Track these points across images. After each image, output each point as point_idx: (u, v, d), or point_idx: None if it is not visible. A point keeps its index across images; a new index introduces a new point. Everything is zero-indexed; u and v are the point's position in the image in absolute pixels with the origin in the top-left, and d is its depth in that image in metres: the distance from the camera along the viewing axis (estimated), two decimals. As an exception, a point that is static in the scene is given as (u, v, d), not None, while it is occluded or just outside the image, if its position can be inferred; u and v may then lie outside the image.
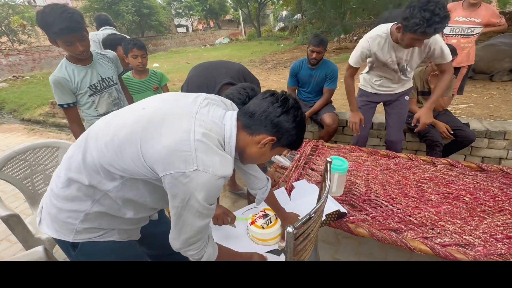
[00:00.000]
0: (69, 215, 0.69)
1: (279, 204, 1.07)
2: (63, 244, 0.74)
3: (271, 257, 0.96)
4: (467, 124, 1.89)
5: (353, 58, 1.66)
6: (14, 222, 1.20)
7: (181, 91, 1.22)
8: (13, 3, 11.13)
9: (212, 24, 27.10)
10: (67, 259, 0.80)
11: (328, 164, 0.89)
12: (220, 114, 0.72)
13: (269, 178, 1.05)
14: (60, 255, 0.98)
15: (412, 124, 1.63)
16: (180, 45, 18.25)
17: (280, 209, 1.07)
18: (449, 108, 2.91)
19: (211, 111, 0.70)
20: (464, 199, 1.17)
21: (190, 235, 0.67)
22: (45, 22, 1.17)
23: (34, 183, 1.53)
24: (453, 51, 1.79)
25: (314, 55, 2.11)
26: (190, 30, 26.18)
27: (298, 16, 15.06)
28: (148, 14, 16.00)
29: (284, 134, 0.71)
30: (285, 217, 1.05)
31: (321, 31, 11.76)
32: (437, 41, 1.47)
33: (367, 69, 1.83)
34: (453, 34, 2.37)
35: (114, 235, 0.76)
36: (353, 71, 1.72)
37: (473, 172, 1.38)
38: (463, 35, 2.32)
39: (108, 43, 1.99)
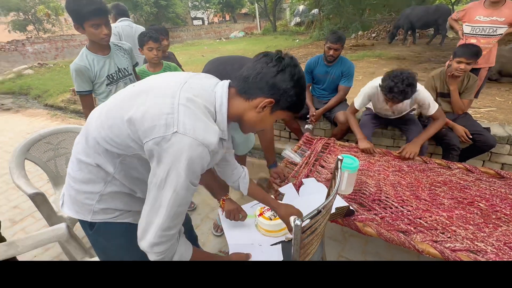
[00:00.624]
0: (86, 196, 0.72)
1: (266, 194, 1.01)
2: (83, 223, 0.79)
3: (273, 250, 0.97)
4: (488, 129, 1.82)
5: (357, 102, 1.83)
6: (39, 200, 1.28)
7: None
8: (39, -7, 11.52)
9: (227, 18, 27.00)
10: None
11: (339, 162, 0.89)
12: (211, 83, 0.70)
13: (245, 167, 1.03)
14: (80, 232, 1.05)
15: (397, 153, 1.62)
16: (196, 38, 18.34)
17: (268, 199, 1.00)
18: (470, 111, 2.80)
19: (203, 80, 0.70)
20: (479, 205, 1.14)
21: (165, 221, 0.60)
22: (77, 5, 1.25)
23: (57, 165, 1.63)
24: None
25: (331, 52, 2.08)
26: (206, 23, 26.22)
27: (315, 11, 14.72)
28: (166, 6, 16.12)
29: (282, 95, 0.67)
30: (278, 206, 0.97)
31: (338, 27, 11.46)
32: (423, 97, 1.61)
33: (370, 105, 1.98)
34: (473, 34, 2.25)
35: (129, 217, 0.78)
36: (355, 111, 1.87)
37: (490, 179, 1.34)
38: (484, 35, 2.21)
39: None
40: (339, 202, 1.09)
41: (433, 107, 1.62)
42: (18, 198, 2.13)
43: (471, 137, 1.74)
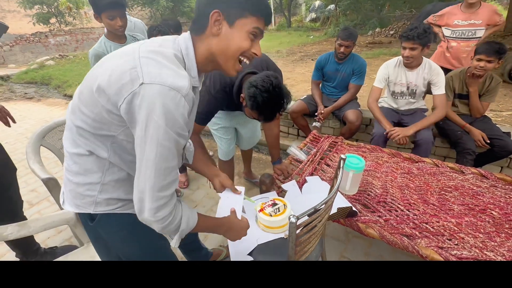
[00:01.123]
0: (87, 187, 0.70)
1: (206, 163, 1.01)
2: (82, 216, 0.78)
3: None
4: (508, 134, 1.72)
5: (377, 79, 1.93)
6: (52, 185, 1.32)
7: (205, 80, 1.25)
8: (62, -14, 11.87)
9: (243, 13, 26.86)
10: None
11: (341, 161, 0.87)
12: (172, 37, 0.67)
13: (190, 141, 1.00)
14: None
15: (387, 134, 1.77)
16: (211, 33, 18.37)
17: (205, 170, 1.00)
18: (490, 115, 2.66)
19: (163, 37, 0.67)
20: (492, 213, 1.09)
21: (157, 181, 0.58)
22: None
23: None
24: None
25: (342, 49, 2.02)
26: (222, 17, 26.21)
27: (331, 6, 14.37)
28: (181, 0, 16.24)
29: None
30: (217, 174, 0.99)
31: (355, 23, 11.15)
32: (438, 75, 1.74)
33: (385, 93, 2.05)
34: (454, 38, 2.23)
35: (133, 207, 0.72)
36: (377, 95, 1.92)
37: (507, 186, 1.26)
38: (464, 38, 2.17)
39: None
40: (342, 202, 1.07)
41: (441, 89, 1.74)
42: (36, 182, 2.25)
43: (488, 141, 1.65)
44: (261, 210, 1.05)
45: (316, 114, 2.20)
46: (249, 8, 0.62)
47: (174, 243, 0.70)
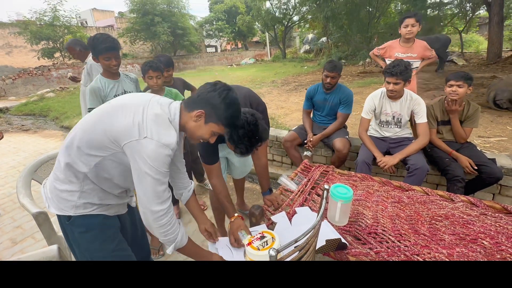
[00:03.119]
0: (69, 194, 0.91)
1: (198, 210, 1.20)
2: (62, 218, 0.95)
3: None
4: (493, 160, 1.75)
5: (364, 110, 2.06)
6: (42, 219, 1.32)
7: None
8: (68, 24, 12.63)
9: (239, 45, 28.49)
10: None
11: (325, 191, 0.88)
12: (168, 101, 0.94)
13: (193, 182, 1.22)
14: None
15: (378, 164, 1.86)
16: (208, 64, 19.29)
17: (199, 215, 1.19)
18: (479, 141, 2.73)
19: (161, 100, 0.93)
20: (483, 243, 1.07)
21: (153, 200, 0.85)
22: (96, 42, 1.66)
23: None
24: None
25: (328, 80, 2.15)
26: (219, 50, 27.69)
27: (323, 39, 15.35)
28: (182, 35, 17.25)
29: (213, 108, 0.89)
30: (200, 222, 1.19)
31: (346, 54, 11.82)
32: (420, 105, 1.89)
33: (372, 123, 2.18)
34: None
35: (105, 210, 0.98)
36: (366, 125, 2.05)
37: (496, 214, 1.26)
38: None
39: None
40: (331, 234, 1.05)
41: (423, 118, 1.88)
42: (22, 218, 2.18)
43: (476, 168, 1.69)
44: (249, 243, 1.03)
45: (305, 142, 2.25)
46: (223, 121, 0.92)
47: (170, 250, 0.94)
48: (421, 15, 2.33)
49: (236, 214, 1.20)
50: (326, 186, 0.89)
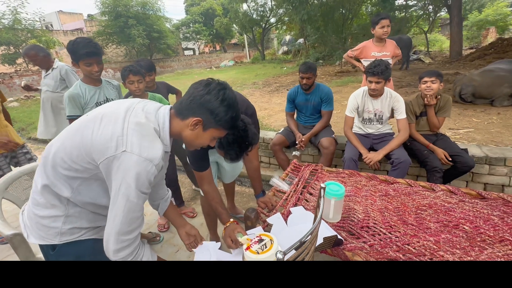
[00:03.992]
0: (52, 219, 0.79)
1: (176, 214, 1.12)
2: (45, 248, 0.83)
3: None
4: (466, 150, 1.90)
5: (347, 109, 2.13)
6: (18, 241, 1.21)
7: None
8: (31, 28, 11.80)
9: (218, 48, 28.30)
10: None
11: (322, 190, 0.90)
12: (155, 106, 0.82)
13: (169, 190, 1.16)
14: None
15: (364, 160, 1.95)
16: (187, 67, 18.95)
17: (176, 219, 1.11)
18: (449, 133, 2.93)
19: (147, 106, 0.81)
20: (464, 228, 1.16)
21: (122, 227, 0.71)
22: (76, 47, 1.54)
23: None
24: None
25: (304, 81, 2.21)
26: (197, 53, 27.32)
27: (301, 40, 15.72)
28: (158, 38, 16.80)
29: (211, 114, 0.78)
30: (179, 226, 1.10)
31: (323, 55, 12.19)
32: (399, 102, 1.98)
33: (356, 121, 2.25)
34: None
35: (95, 234, 0.86)
36: (351, 123, 2.12)
37: (473, 200, 1.37)
38: None
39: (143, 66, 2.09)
40: (327, 232, 1.08)
41: (403, 114, 1.98)
42: None
43: (450, 159, 1.81)
44: (247, 248, 1.02)
45: (297, 143, 2.29)
46: (223, 125, 0.82)
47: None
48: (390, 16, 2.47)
49: (231, 220, 1.18)
50: (322, 185, 0.91)
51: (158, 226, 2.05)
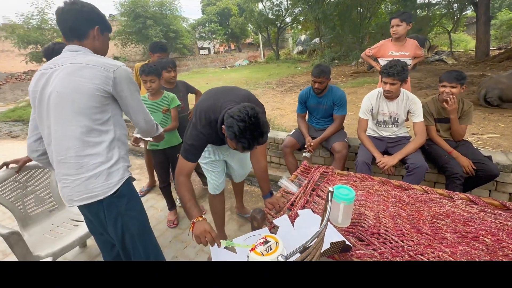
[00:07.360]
0: (98, 162, 0.96)
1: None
2: (101, 202, 0.99)
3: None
4: (489, 157, 1.78)
5: (361, 111, 2.07)
6: (14, 240, 1.21)
7: (192, 115, 1.30)
8: (57, 27, 12.37)
9: (233, 47, 28.45)
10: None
11: (329, 194, 0.87)
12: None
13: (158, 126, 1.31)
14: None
15: (378, 164, 1.87)
16: (202, 66, 19.22)
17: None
18: (472, 139, 2.77)
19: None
20: (484, 240, 1.08)
21: (145, 113, 1.11)
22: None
23: (25, 204, 1.52)
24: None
25: (316, 85, 2.13)
26: (212, 52, 27.62)
27: (316, 40, 15.48)
28: (174, 38, 17.14)
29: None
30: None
31: (339, 55, 11.94)
32: (416, 104, 1.90)
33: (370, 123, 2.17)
34: None
35: (127, 170, 1.07)
36: (364, 125, 2.05)
37: (495, 211, 1.28)
38: None
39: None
40: (335, 237, 1.04)
41: (420, 117, 1.89)
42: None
43: (475, 168, 1.70)
44: (252, 249, 1.01)
45: (305, 146, 2.24)
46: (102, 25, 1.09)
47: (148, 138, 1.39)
48: (408, 14, 2.35)
49: (203, 217, 1.13)
50: (330, 189, 0.88)
51: (168, 222, 2.08)
